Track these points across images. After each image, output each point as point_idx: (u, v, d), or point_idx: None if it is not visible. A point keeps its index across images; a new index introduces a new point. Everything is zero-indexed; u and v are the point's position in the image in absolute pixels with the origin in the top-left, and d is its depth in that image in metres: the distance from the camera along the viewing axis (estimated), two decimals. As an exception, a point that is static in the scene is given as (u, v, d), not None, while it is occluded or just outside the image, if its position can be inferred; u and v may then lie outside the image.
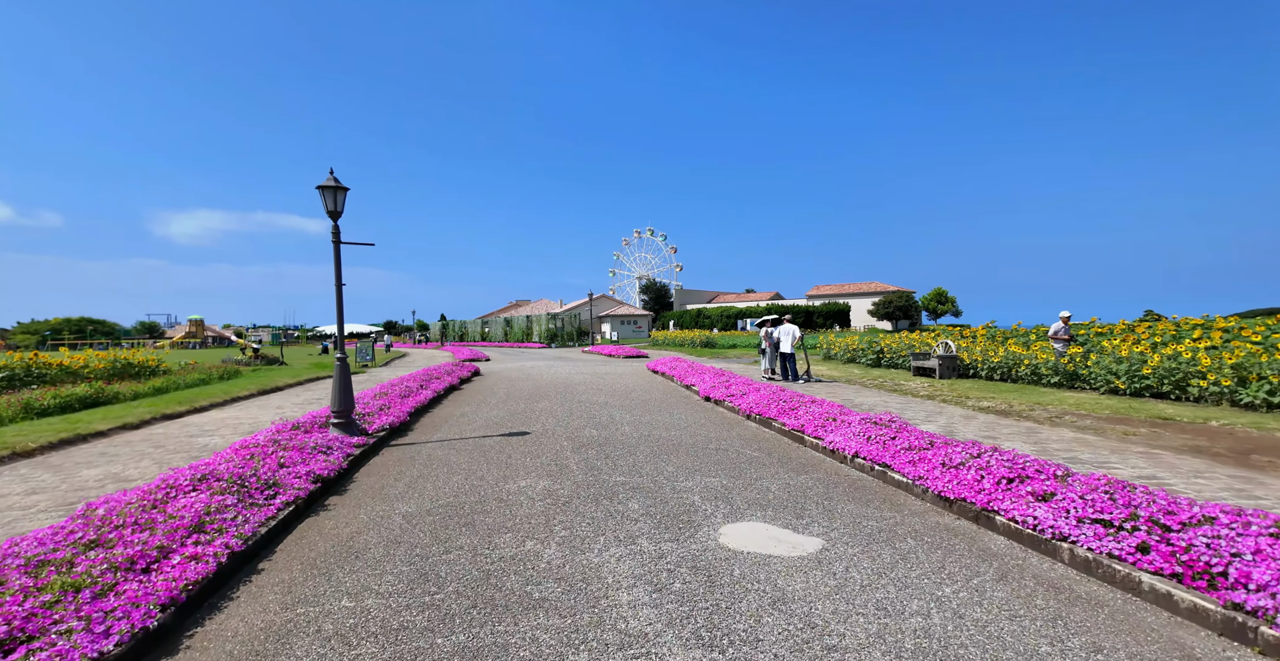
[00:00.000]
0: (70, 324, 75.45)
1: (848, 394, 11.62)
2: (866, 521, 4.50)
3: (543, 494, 5.37)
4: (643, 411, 10.20)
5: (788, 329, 14.03)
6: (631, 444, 7.49)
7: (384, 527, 4.59)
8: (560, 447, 7.34)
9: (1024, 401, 9.63)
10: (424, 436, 8.34)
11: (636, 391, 13.20)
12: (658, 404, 11.15)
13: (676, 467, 6.24)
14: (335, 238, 7.76)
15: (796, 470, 6.09)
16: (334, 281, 7.82)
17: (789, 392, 9.68)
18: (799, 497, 5.12)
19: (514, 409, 10.78)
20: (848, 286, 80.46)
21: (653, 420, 9.26)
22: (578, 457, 6.80)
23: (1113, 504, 3.64)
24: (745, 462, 6.44)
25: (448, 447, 7.51)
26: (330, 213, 7.69)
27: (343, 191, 7.68)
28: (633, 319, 70.46)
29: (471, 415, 10.16)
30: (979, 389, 11.41)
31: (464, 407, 11.12)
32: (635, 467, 6.27)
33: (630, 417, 9.54)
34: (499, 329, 57.75)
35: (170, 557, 3.39)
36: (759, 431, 8.28)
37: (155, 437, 8.04)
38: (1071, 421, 7.82)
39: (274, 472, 5.25)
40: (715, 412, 10.02)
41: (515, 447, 7.38)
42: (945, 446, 5.45)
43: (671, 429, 8.50)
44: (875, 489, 5.38)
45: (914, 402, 10.15)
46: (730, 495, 5.21)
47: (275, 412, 10.35)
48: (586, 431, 8.39)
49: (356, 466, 6.60)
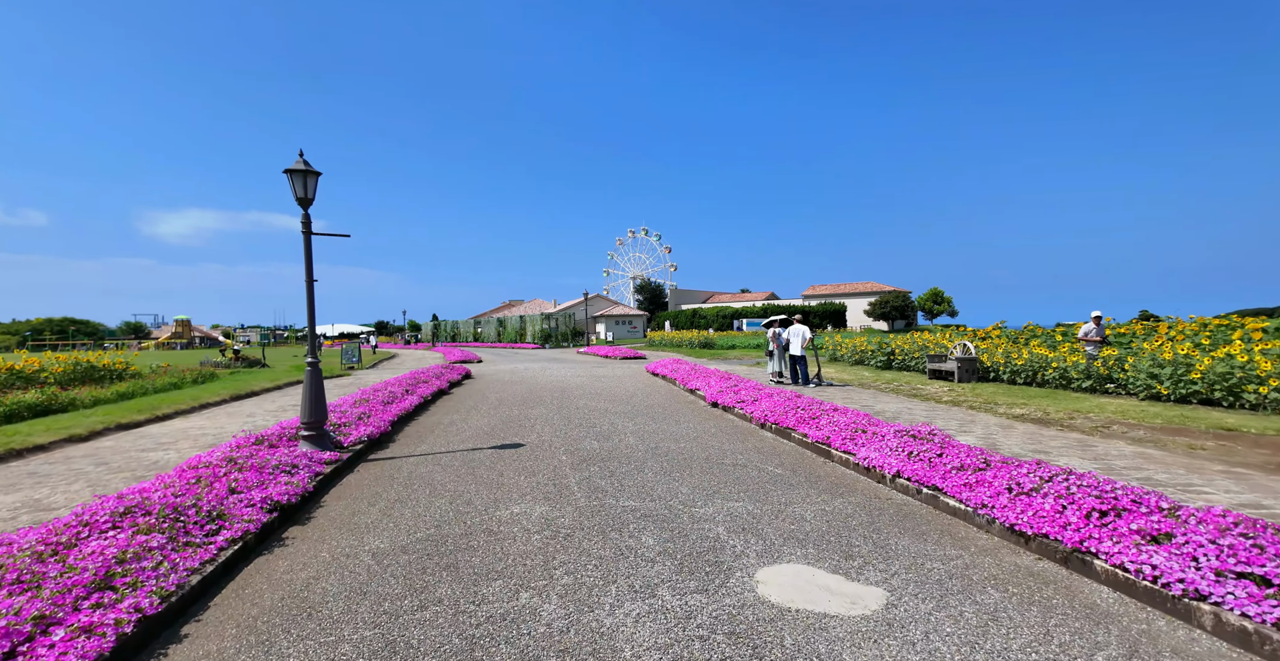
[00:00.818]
0: (52, 324, 73.81)
1: (865, 399, 10.90)
2: (929, 562, 3.75)
3: (539, 523, 4.60)
4: (646, 419, 9.43)
5: (797, 330, 13.30)
6: (638, 458, 6.72)
7: (348, 571, 3.79)
8: (558, 463, 6.56)
9: (1060, 408, 8.92)
10: (407, 449, 7.53)
11: (637, 396, 12.43)
12: (662, 411, 10.38)
13: (692, 489, 5.47)
14: (305, 228, 6.94)
15: (830, 492, 5.34)
16: (304, 277, 7.00)
17: (805, 399, 8.94)
18: (841, 529, 4.36)
19: (506, 416, 9.98)
20: (844, 286, 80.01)
21: (658, 430, 8.50)
22: (578, 475, 6.02)
23: (1260, 553, 2.91)
24: (769, 482, 5.68)
25: (432, 463, 6.72)
26: (300, 200, 6.87)
27: (313, 176, 6.87)
28: (628, 319, 69.67)
29: (460, 424, 9.35)
30: (1005, 394, 10.70)
31: (452, 415, 10.31)
32: (645, 488, 5.50)
33: (633, 427, 8.77)
34: (492, 329, 56.83)
35: (50, 633, 2.59)
36: (777, 443, 7.52)
37: (101, 452, 7.18)
38: (1122, 432, 7.12)
39: (221, 501, 4.43)
40: (725, 421, 9.27)
41: (508, 463, 6.60)
42: (1006, 467, 4.71)
43: (680, 440, 7.74)
44: (927, 517, 4.63)
45: (940, 409, 9.43)
46: (760, 526, 4.45)
47: (245, 421, 9.50)
48: (586, 443, 7.61)
49: (326, 487, 5.80)
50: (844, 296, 75.78)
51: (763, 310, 67.01)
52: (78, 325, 76.99)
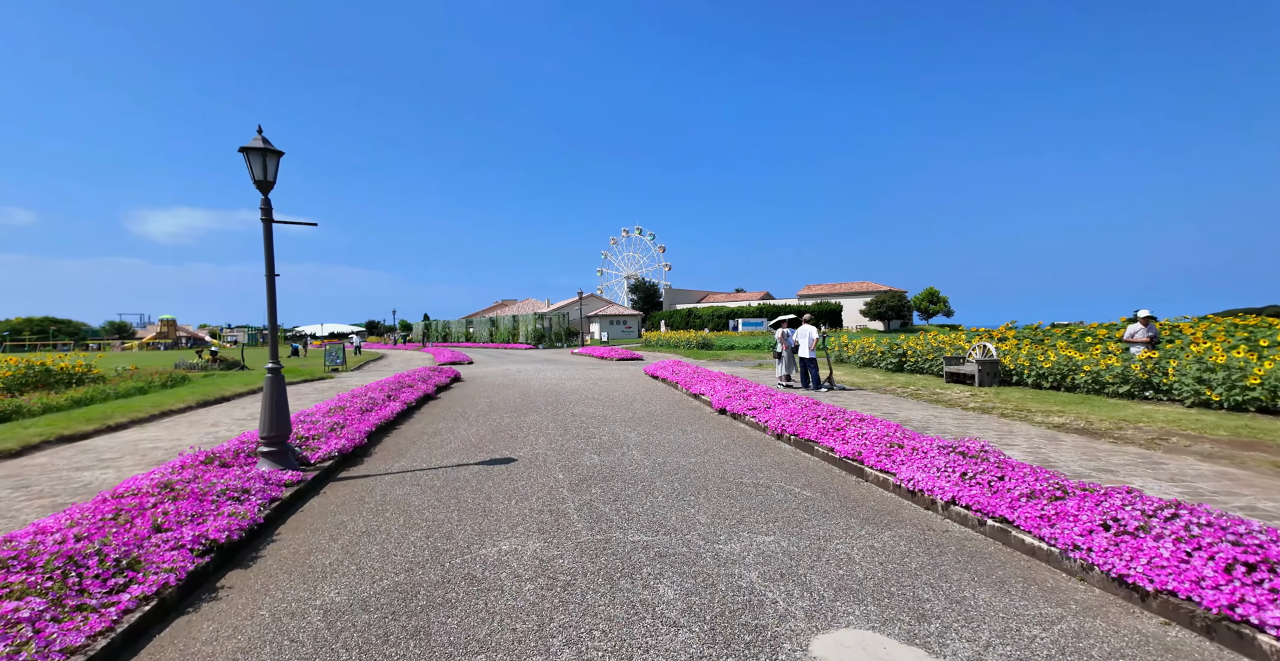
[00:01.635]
0: (32, 324, 72.03)
1: (885, 405, 10.14)
2: (1026, 627, 2.97)
3: (532, 566, 3.79)
4: (650, 428, 8.64)
5: (805, 330, 12.53)
6: (644, 477, 5.92)
7: (290, 639, 2.98)
8: (554, 483, 5.76)
9: (1102, 416, 8.18)
10: (383, 465, 6.70)
11: (638, 402, 11.63)
12: (666, 418, 9.59)
13: (711, 517, 4.68)
14: (265, 215, 6.09)
15: (873, 521, 4.56)
16: (265, 271, 6.15)
17: (824, 406, 8.18)
18: (901, 575, 3.59)
19: (497, 425, 9.15)
20: (839, 286, 79.53)
21: (664, 441, 7.70)
22: (578, 499, 5.22)
23: None
24: (800, 508, 4.90)
25: (410, 482, 5.89)
26: (259, 183, 6.02)
27: (274, 156, 6.02)
28: (622, 319, 68.88)
29: (446, 434, 8.52)
30: (1035, 400, 9.96)
31: (438, 423, 9.47)
32: (656, 516, 4.71)
33: (637, 437, 7.97)
34: (484, 329, 55.85)
35: None
36: (799, 458, 6.75)
37: (27, 472, 6.27)
38: (1185, 445, 6.39)
39: (139, 543, 3.60)
40: (737, 430, 8.48)
41: (497, 482, 5.78)
42: (1089, 495, 3.95)
43: (690, 453, 6.95)
44: (999, 558, 3.86)
45: (970, 418, 8.68)
46: (801, 570, 3.67)
47: (206, 432, 8.62)
48: (586, 457, 6.80)
49: (283, 515, 4.96)
50: (840, 296, 75.31)
51: (758, 310, 66.38)
52: (59, 325, 75.21)
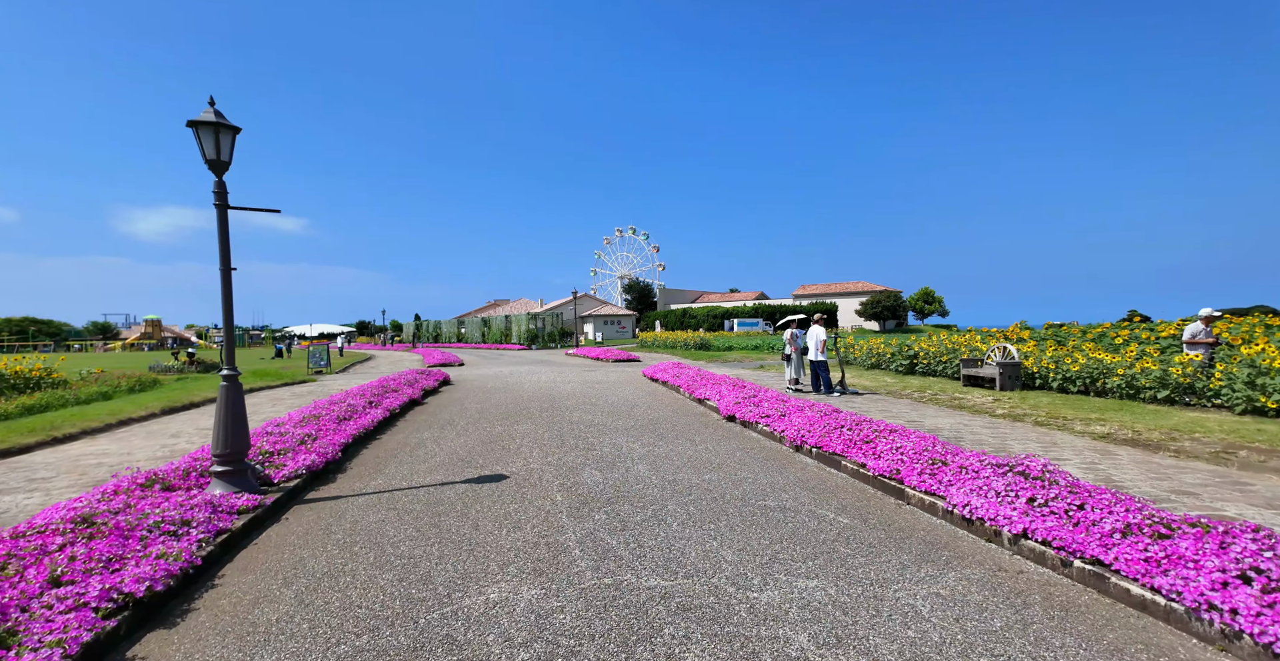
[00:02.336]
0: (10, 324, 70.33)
1: (905, 411, 9.47)
2: (1176, 721, 2.28)
3: (527, 624, 3.06)
4: (654, 438, 7.92)
5: (815, 332, 11.85)
6: (654, 498, 5.20)
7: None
8: (552, 506, 5.03)
9: (1148, 425, 7.52)
10: (358, 483, 5.94)
11: (639, 407, 10.90)
12: (670, 426, 8.87)
13: (738, 552, 3.97)
14: (220, 199, 5.31)
15: (930, 558, 3.86)
16: (219, 264, 5.37)
17: (845, 414, 7.49)
18: (988, 637, 2.88)
19: (487, 435, 8.40)
20: (834, 286, 79.18)
21: (672, 453, 6.99)
22: (579, 528, 4.49)
23: None
24: (840, 539, 4.19)
25: (386, 506, 5.14)
26: (211, 163, 5.24)
27: (228, 132, 5.25)
28: (616, 319, 68.17)
29: (431, 445, 7.76)
30: (1068, 405, 9.27)
31: (423, 432, 8.70)
32: (673, 552, 3.99)
33: (641, 448, 7.25)
34: (476, 329, 54.95)
35: None
36: (824, 474, 6.05)
37: (-59, 496, 5.47)
38: (1260, 461, 5.73)
39: (25, 602, 2.83)
40: (749, 441, 7.78)
41: (485, 506, 5.05)
42: (1205, 534, 3.27)
43: (702, 469, 6.23)
44: (1099, 611, 3.17)
45: (1003, 426, 8.02)
46: (860, 630, 2.96)
47: (163, 444, 7.81)
48: (586, 474, 6.08)
49: (231, 551, 4.20)
50: (835, 296, 74.95)
51: (753, 310, 65.85)
52: (39, 325, 73.49)
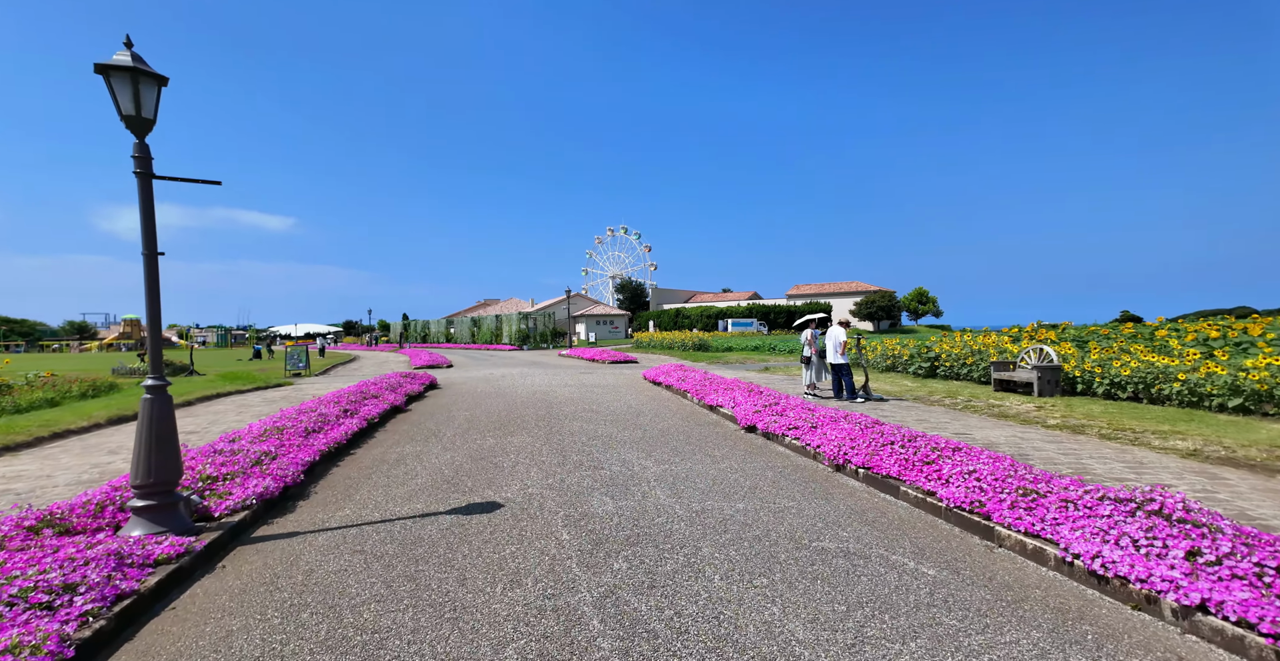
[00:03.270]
0: (-19, 323, 67.84)
1: (945, 421, 8.51)
2: None
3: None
4: (668, 453, 6.94)
5: (834, 333, 10.90)
6: (683, 537, 4.22)
7: None
8: (558, 550, 4.03)
9: (1236, 440, 6.57)
10: (320, 514, 4.91)
11: (645, 414, 9.91)
12: (684, 438, 7.89)
13: (810, 625, 2.99)
14: (141, 167, 4.26)
15: (1071, 638, 2.90)
16: (142, 247, 4.32)
17: (888, 427, 6.57)
18: None
19: (477, 449, 7.38)
20: (828, 286, 78.61)
21: (692, 473, 6.01)
22: (596, 583, 3.50)
23: None
24: (937, 603, 3.23)
25: (352, 548, 4.12)
26: (128, 120, 4.18)
27: (150, 82, 4.19)
28: (609, 319, 67.16)
29: (412, 462, 6.73)
30: (1125, 415, 8.30)
31: (404, 445, 7.66)
32: (723, 624, 3.01)
33: (656, 467, 6.27)
34: (465, 329, 53.64)
35: None
36: (877, 501, 5.09)
37: None
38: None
39: None
40: (777, 457, 6.82)
41: (475, 549, 4.04)
42: None
43: (732, 494, 5.26)
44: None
45: (1064, 439, 7.10)
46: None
47: (95, 464, 6.69)
48: (595, 501, 5.08)
49: (134, 622, 3.17)
50: (829, 296, 74.39)
51: (747, 310, 65.10)
52: (11, 324, 71.04)
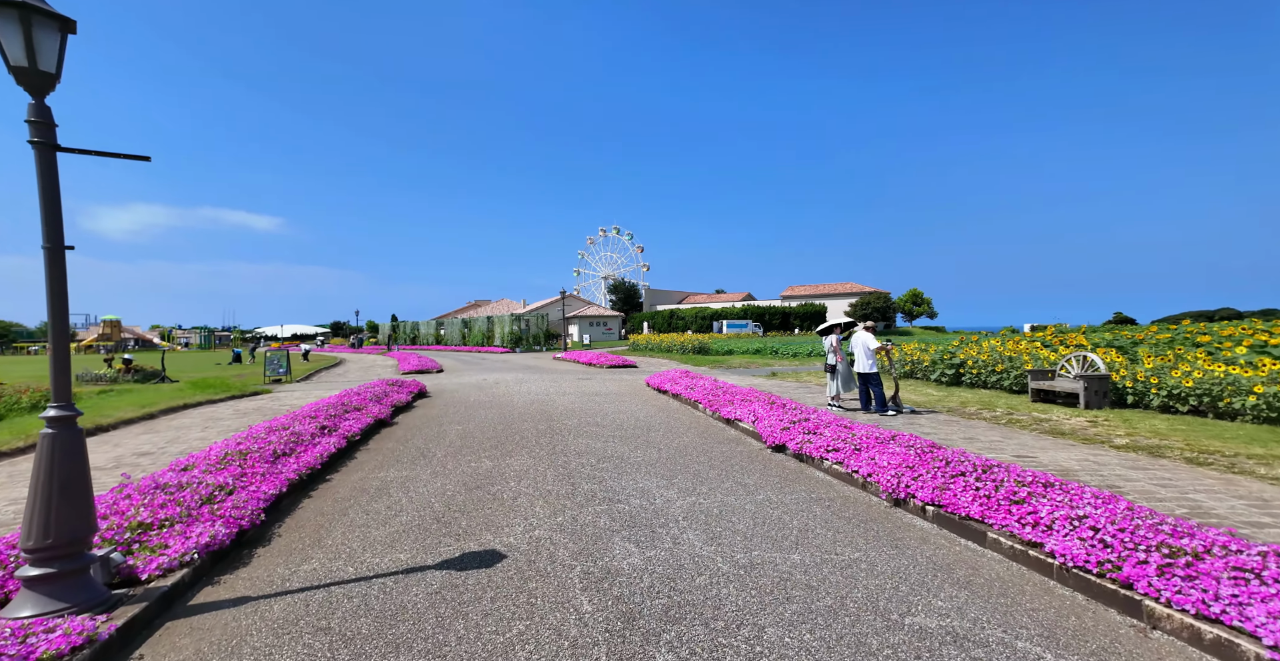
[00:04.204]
0: (-49, 325, 65.56)
1: (997, 440, 7.61)
2: None
3: None
4: (692, 479, 6.04)
5: (861, 338, 10.00)
6: (735, 607, 3.32)
7: None
8: (580, 631, 3.11)
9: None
10: (280, 568, 3.96)
11: (656, 429, 9.00)
12: (704, 459, 6.99)
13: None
14: (40, 133, 3.30)
15: None
16: (43, 238, 3.35)
17: (951, 453, 5.72)
18: None
19: (471, 474, 6.44)
20: (823, 287, 78.20)
21: (724, 507, 5.11)
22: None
23: None
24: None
25: (314, 625, 3.18)
26: (19, 73, 3.22)
27: (52, 25, 3.24)
28: (602, 320, 66.24)
29: (396, 491, 5.78)
30: (1199, 431, 7.46)
31: (388, 469, 6.71)
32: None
33: (681, 499, 5.36)
34: (456, 331, 52.42)
35: None
36: (960, 551, 4.22)
37: None
38: None
39: None
40: (816, 484, 5.94)
41: (473, 625, 3.12)
42: None
43: (780, 540, 4.36)
44: None
45: (1145, 463, 6.26)
46: None
47: (15, 500, 5.68)
48: (618, 550, 4.17)
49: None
50: (824, 297, 73.94)
51: (742, 311, 64.44)
52: (-16, 326, 68.77)
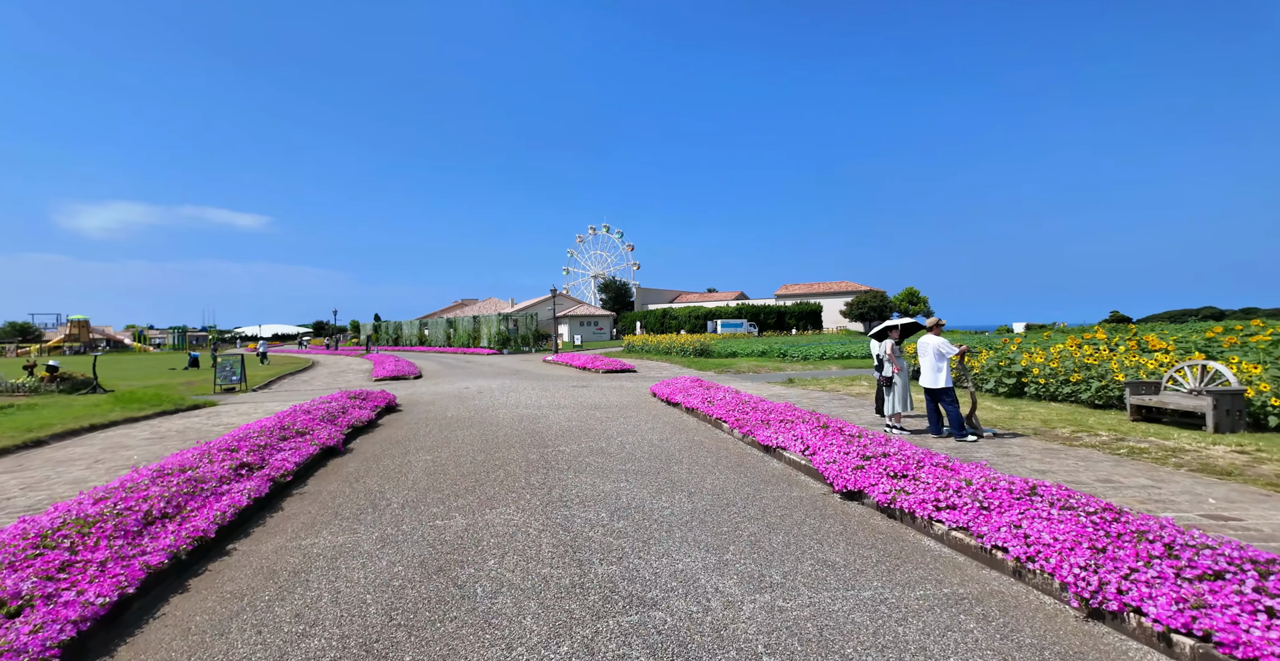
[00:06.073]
0: (-97, 325, 62.00)
1: (1147, 484, 5.85)
2: None
3: None
4: (753, 556, 4.18)
5: (930, 343, 7.90)
6: None
7: None
8: None
9: None
10: None
11: (678, 460, 7.12)
12: (756, 514, 5.13)
13: None
14: None
15: None
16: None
17: (1166, 527, 3.92)
18: None
19: (433, 542, 4.53)
20: (818, 286, 76.78)
21: (820, 620, 3.27)
22: None
23: None
24: None
25: None
26: None
27: None
28: (593, 320, 64.26)
29: (317, 582, 3.86)
30: None
31: (318, 533, 4.77)
32: None
33: (748, 598, 3.51)
34: (440, 331, 50.17)
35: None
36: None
37: None
38: None
39: None
40: (938, 565, 4.11)
41: None
42: None
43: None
44: None
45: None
46: None
47: None
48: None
49: None
50: (819, 296, 72.52)
51: (736, 310, 62.70)
52: (-59, 326, 65.23)
